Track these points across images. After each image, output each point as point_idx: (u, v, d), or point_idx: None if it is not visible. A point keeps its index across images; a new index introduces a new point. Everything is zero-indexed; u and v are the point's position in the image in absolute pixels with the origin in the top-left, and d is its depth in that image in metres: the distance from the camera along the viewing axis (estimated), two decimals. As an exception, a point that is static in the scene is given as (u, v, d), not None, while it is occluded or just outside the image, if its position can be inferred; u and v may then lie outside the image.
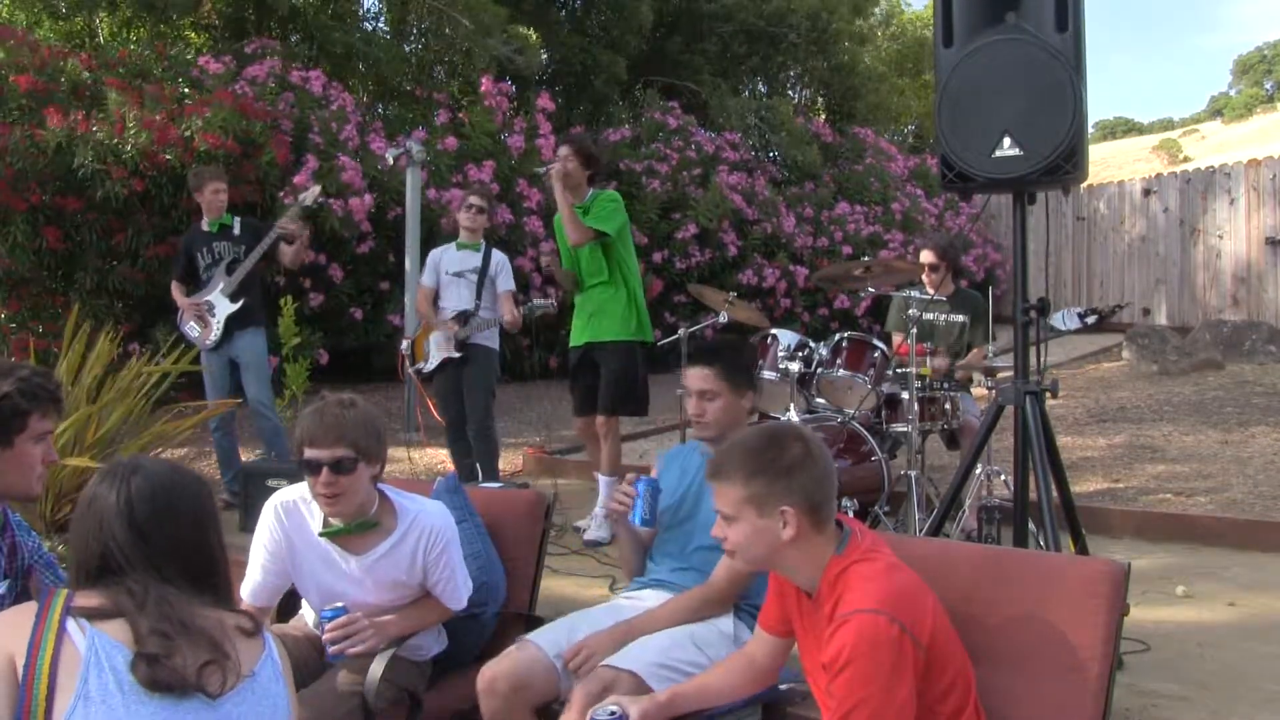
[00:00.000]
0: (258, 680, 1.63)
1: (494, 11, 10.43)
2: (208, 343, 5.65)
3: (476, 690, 2.52)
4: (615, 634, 2.57)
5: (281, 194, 7.80)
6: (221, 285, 5.64)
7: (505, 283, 5.48)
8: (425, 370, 5.53)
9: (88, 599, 1.59)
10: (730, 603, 2.65)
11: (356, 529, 2.58)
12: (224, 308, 5.63)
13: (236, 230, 5.77)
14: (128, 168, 7.41)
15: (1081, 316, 3.57)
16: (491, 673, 2.51)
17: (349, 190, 8.16)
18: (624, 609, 2.75)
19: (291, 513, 2.65)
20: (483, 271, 5.44)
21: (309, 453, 2.48)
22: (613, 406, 5.11)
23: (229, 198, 7.12)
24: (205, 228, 5.77)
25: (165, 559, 1.64)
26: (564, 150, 5.12)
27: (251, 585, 2.66)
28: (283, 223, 5.69)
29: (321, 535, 2.60)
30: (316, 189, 6.08)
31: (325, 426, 2.48)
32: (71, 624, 1.54)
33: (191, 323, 5.67)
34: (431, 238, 7.95)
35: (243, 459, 5.95)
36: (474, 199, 5.58)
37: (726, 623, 2.64)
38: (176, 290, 5.77)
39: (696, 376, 2.83)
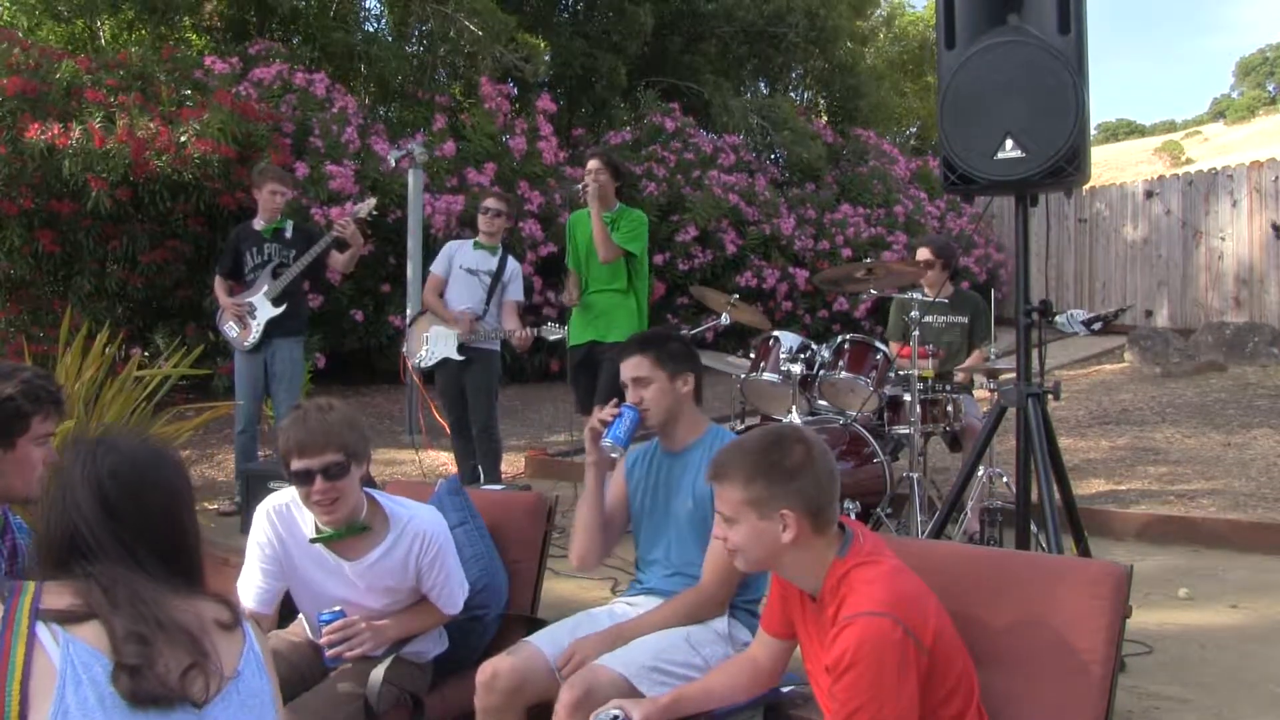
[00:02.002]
0: (242, 680, 1.55)
1: (503, 19, 10.43)
2: (245, 344, 5.64)
3: (476, 683, 2.50)
4: (606, 637, 2.57)
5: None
6: (266, 288, 5.62)
7: (515, 292, 5.51)
8: (425, 365, 5.51)
9: (57, 597, 1.46)
10: (723, 603, 2.64)
11: (348, 533, 2.56)
12: (265, 311, 5.61)
13: (288, 234, 5.75)
14: (109, 178, 7.19)
15: (1087, 324, 3.55)
16: (493, 668, 2.50)
17: (340, 197, 8.13)
18: (622, 613, 2.74)
19: (284, 517, 2.62)
20: (497, 275, 5.47)
21: (298, 463, 2.43)
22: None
23: (225, 202, 7.05)
24: (257, 227, 5.73)
25: (137, 538, 1.53)
26: (594, 164, 5.18)
27: (255, 591, 2.64)
28: (341, 223, 5.63)
29: (314, 541, 2.57)
30: (372, 201, 6.03)
31: (311, 434, 2.42)
32: (42, 630, 1.42)
33: (231, 322, 5.66)
34: (432, 240, 7.96)
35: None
36: (490, 202, 5.58)
37: (721, 622, 2.63)
38: (220, 287, 5.76)
39: (629, 365, 2.80)
